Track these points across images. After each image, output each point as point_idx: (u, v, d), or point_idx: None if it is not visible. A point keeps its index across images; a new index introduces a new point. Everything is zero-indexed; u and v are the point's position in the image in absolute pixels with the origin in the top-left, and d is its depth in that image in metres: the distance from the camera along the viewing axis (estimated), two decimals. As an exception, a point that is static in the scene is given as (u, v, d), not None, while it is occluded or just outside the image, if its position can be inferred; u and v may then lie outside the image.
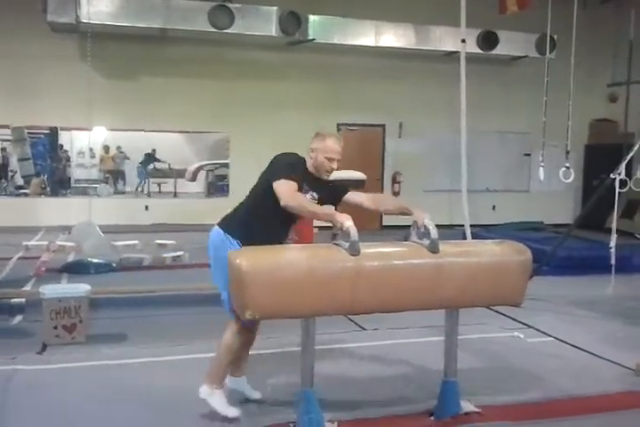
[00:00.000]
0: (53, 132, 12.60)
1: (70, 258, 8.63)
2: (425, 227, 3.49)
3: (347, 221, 3.35)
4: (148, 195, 13.38)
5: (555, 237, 8.96)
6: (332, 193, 3.89)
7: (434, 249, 3.43)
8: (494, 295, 3.56)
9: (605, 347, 5.32)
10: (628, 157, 6.72)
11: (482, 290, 3.48)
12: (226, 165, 13.30)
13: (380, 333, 5.62)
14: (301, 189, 3.65)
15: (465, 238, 7.27)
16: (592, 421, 3.95)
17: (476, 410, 3.83)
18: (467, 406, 3.82)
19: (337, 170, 3.83)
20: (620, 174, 6.71)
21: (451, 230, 8.35)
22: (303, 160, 3.78)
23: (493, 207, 13.81)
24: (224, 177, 13.47)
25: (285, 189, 3.52)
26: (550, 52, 9.20)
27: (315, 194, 3.78)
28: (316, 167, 3.77)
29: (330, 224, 3.47)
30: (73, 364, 4.69)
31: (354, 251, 3.25)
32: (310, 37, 11.91)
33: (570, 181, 7.59)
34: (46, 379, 4.39)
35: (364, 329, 5.73)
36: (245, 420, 3.73)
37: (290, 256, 3.30)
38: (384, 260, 3.35)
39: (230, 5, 11.18)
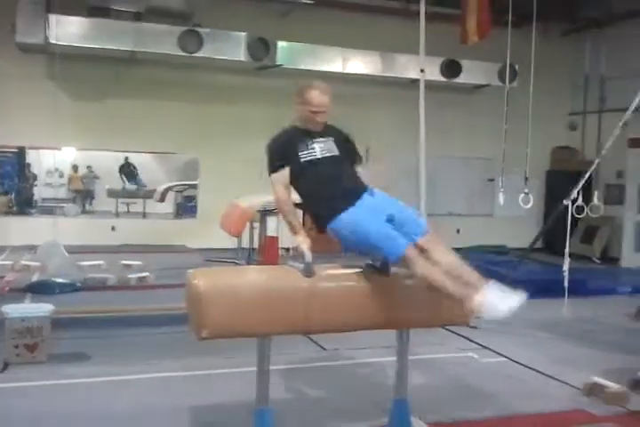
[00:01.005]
0: (21, 152, 12.61)
1: (35, 278, 8.62)
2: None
3: (302, 244, 3.49)
4: (117, 215, 13.38)
5: (515, 261, 9.15)
6: (348, 150, 3.88)
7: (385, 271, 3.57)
8: (441, 315, 3.69)
9: (557, 367, 5.49)
10: (580, 184, 6.94)
11: (429, 309, 3.61)
12: (195, 186, 13.35)
13: (340, 352, 5.73)
14: (295, 156, 3.65)
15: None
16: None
17: (427, 427, 3.96)
18: (418, 423, 3.94)
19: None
20: (576, 200, 6.92)
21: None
22: (285, 132, 3.82)
23: (458, 231, 14.03)
24: (193, 198, 13.52)
25: (274, 189, 3.62)
26: (511, 82, 9.42)
27: (320, 145, 3.72)
28: (304, 121, 3.77)
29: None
30: (34, 382, 4.73)
31: (307, 272, 3.38)
32: (278, 63, 12.12)
33: (529, 206, 7.83)
34: (6, 397, 4.43)
35: (324, 349, 5.84)
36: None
37: (246, 277, 3.42)
38: (335, 281, 3.48)
39: (200, 30, 11.36)
